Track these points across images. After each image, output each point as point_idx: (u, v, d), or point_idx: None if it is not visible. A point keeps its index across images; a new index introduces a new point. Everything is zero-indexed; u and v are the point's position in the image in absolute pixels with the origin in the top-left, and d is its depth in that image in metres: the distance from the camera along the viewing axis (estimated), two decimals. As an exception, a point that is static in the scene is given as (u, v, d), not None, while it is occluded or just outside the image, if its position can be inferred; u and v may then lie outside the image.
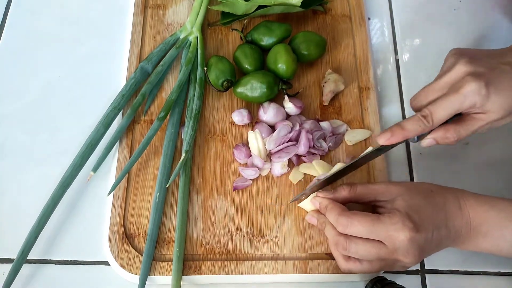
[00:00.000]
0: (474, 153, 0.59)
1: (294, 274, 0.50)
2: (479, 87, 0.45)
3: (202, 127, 0.58)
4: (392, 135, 0.47)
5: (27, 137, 0.58)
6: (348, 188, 0.48)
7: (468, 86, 0.45)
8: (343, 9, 0.65)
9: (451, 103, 0.46)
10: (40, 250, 0.52)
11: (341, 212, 0.46)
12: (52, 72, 0.62)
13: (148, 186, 0.54)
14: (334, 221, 0.46)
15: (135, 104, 0.56)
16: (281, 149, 0.55)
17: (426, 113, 0.47)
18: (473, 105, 0.45)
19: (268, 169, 0.55)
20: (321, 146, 0.56)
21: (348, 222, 0.45)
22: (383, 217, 0.44)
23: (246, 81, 0.56)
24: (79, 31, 0.64)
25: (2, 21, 0.65)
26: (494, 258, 0.53)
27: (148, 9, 0.64)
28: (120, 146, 0.56)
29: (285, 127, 0.55)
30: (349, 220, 0.45)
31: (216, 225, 0.53)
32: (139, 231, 0.52)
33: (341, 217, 0.45)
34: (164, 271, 0.50)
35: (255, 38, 0.60)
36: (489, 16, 0.67)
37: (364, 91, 0.60)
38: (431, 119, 0.47)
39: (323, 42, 0.60)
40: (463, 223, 0.45)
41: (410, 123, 0.47)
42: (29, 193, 0.55)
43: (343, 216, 0.45)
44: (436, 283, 0.53)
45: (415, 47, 0.66)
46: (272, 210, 0.54)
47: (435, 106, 0.46)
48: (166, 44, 0.60)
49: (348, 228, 0.45)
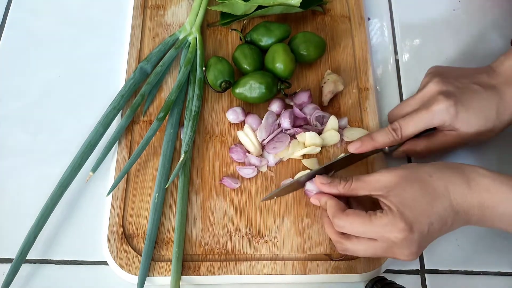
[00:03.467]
0: (474, 152, 0.59)
1: (293, 275, 0.50)
2: (448, 105, 0.47)
3: (201, 128, 0.58)
4: (362, 145, 0.51)
5: (27, 137, 0.58)
6: (344, 183, 0.48)
7: (437, 104, 0.48)
8: (342, 9, 0.65)
9: (421, 119, 0.49)
10: (39, 250, 0.52)
11: (335, 212, 0.46)
12: (52, 72, 0.62)
13: (147, 187, 0.54)
14: (331, 219, 0.47)
15: (134, 105, 0.56)
16: (273, 139, 0.55)
17: (396, 126, 0.50)
18: (442, 122, 0.48)
19: (265, 165, 0.55)
20: (317, 126, 0.56)
21: (342, 223, 0.45)
22: (374, 218, 0.43)
23: (245, 81, 0.56)
24: (78, 31, 0.64)
25: (2, 21, 0.65)
26: (494, 258, 0.54)
27: (148, 10, 0.64)
28: (119, 147, 0.56)
29: (271, 114, 0.56)
30: (342, 221, 0.45)
31: (215, 226, 0.53)
32: (138, 231, 0.52)
33: (335, 218, 0.45)
34: (163, 272, 0.50)
35: (254, 38, 0.60)
36: (488, 17, 0.67)
37: (363, 92, 0.60)
38: (400, 133, 0.50)
39: (323, 43, 0.60)
40: (474, 204, 0.43)
41: (380, 134, 0.50)
42: (29, 193, 0.55)
43: (337, 218, 0.45)
44: (436, 283, 0.53)
45: (415, 47, 0.65)
46: (271, 211, 0.53)
47: (405, 121, 0.50)
48: (166, 44, 0.60)
49: (342, 229, 0.45)
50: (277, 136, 0.55)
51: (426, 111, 0.48)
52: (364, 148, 0.51)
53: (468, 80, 0.50)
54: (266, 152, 0.56)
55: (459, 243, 0.54)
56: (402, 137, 0.50)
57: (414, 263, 0.54)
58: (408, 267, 0.53)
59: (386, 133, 0.50)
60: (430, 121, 0.49)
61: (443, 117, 0.48)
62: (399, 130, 0.50)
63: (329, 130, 0.56)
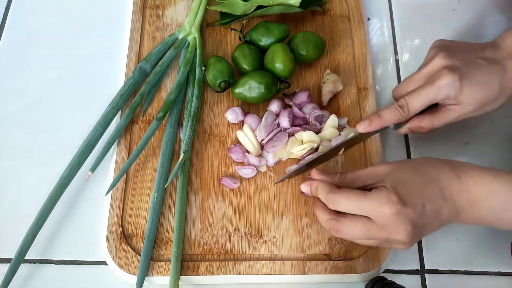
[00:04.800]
0: (474, 152, 0.59)
1: (292, 275, 0.50)
2: (453, 80, 0.47)
3: (200, 127, 0.58)
4: (370, 123, 0.51)
5: (27, 137, 0.58)
6: (339, 175, 0.48)
7: (443, 79, 0.48)
8: (341, 9, 0.65)
9: (426, 94, 0.49)
10: (38, 250, 0.52)
11: (330, 189, 0.46)
12: (51, 72, 0.62)
13: (146, 186, 0.54)
14: (324, 199, 0.46)
15: (133, 104, 0.56)
16: (272, 138, 0.55)
17: (403, 103, 0.50)
18: (447, 97, 0.48)
19: (265, 165, 0.55)
20: (316, 125, 0.56)
21: (336, 198, 0.45)
22: (369, 193, 0.44)
23: (244, 81, 0.56)
24: (78, 31, 0.65)
25: (2, 21, 0.65)
26: (494, 258, 0.54)
27: (147, 9, 0.64)
28: (118, 146, 0.56)
29: (270, 114, 0.56)
30: (337, 196, 0.45)
31: (214, 226, 0.53)
32: (137, 231, 0.52)
33: (330, 194, 0.45)
34: (162, 272, 0.50)
35: (253, 38, 0.60)
36: (488, 17, 0.67)
37: (362, 92, 0.60)
38: (407, 109, 0.50)
39: (322, 43, 0.60)
40: (462, 194, 0.44)
41: (387, 112, 0.50)
42: (28, 193, 0.55)
43: (332, 193, 0.45)
44: (436, 283, 0.53)
45: (415, 47, 0.65)
46: (270, 211, 0.53)
47: (411, 97, 0.50)
48: (165, 44, 0.60)
49: (337, 204, 0.45)
50: (276, 135, 0.55)
51: (432, 86, 0.48)
52: (373, 126, 0.51)
53: (473, 54, 0.50)
54: (265, 151, 0.56)
55: (459, 243, 0.54)
56: (409, 113, 0.50)
57: (414, 263, 0.54)
58: (408, 267, 0.53)
59: (393, 110, 0.50)
60: (436, 95, 0.49)
61: (448, 92, 0.48)
62: (405, 106, 0.50)
63: (328, 127, 0.56)
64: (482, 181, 0.44)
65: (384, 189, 0.44)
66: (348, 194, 0.44)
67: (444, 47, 0.51)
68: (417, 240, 0.45)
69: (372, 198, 0.43)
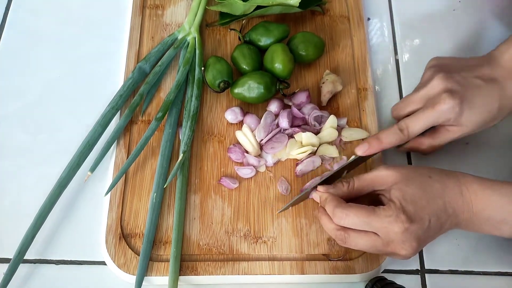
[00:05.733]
0: (474, 153, 0.58)
1: (291, 275, 0.50)
2: (454, 105, 0.48)
3: (199, 128, 0.57)
4: (370, 147, 0.51)
5: (27, 137, 0.58)
6: (347, 184, 0.48)
7: (443, 103, 0.48)
8: (341, 9, 0.65)
9: (427, 118, 0.50)
10: (38, 250, 0.52)
11: (337, 204, 0.46)
12: (51, 72, 0.62)
13: (146, 186, 0.54)
14: (330, 213, 0.46)
15: (133, 104, 0.56)
16: (271, 139, 0.55)
17: (403, 126, 0.51)
18: (447, 120, 0.49)
19: (264, 165, 0.55)
20: (315, 126, 0.57)
21: (344, 214, 0.45)
22: (378, 210, 0.45)
23: (243, 81, 0.56)
24: (78, 31, 0.65)
25: (2, 21, 0.65)
26: (494, 258, 0.53)
27: (146, 9, 0.64)
28: (117, 146, 0.56)
29: (269, 114, 0.56)
30: (344, 212, 0.45)
31: (213, 226, 0.53)
32: (136, 231, 0.52)
33: (337, 209, 0.46)
34: (161, 272, 0.50)
35: (253, 38, 0.60)
36: (488, 17, 0.67)
37: (362, 92, 0.60)
38: (407, 132, 0.51)
39: (321, 43, 0.60)
40: (464, 208, 0.45)
41: (387, 135, 0.51)
42: (28, 193, 0.55)
43: (339, 208, 0.46)
44: (436, 283, 0.53)
45: (415, 47, 0.65)
46: (269, 211, 0.53)
47: (411, 120, 0.50)
48: (164, 44, 0.60)
49: (343, 220, 0.45)
50: (275, 136, 0.55)
51: (432, 110, 0.49)
52: (372, 150, 0.51)
53: (471, 73, 0.51)
54: (264, 152, 0.56)
55: (459, 243, 0.54)
56: (409, 136, 0.51)
57: (414, 263, 0.53)
58: (408, 267, 0.53)
59: (393, 133, 0.51)
60: (436, 119, 0.49)
61: (449, 116, 0.49)
62: (406, 129, 0.51)
63: (327, 128, 0.56)
64: (483, 195, 0.45)
65: (392, 206, 0.44)
66: (356, 210, 0.45)
67: (441, 67, 0.51)
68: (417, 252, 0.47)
69: (381, 216, 0.44)
